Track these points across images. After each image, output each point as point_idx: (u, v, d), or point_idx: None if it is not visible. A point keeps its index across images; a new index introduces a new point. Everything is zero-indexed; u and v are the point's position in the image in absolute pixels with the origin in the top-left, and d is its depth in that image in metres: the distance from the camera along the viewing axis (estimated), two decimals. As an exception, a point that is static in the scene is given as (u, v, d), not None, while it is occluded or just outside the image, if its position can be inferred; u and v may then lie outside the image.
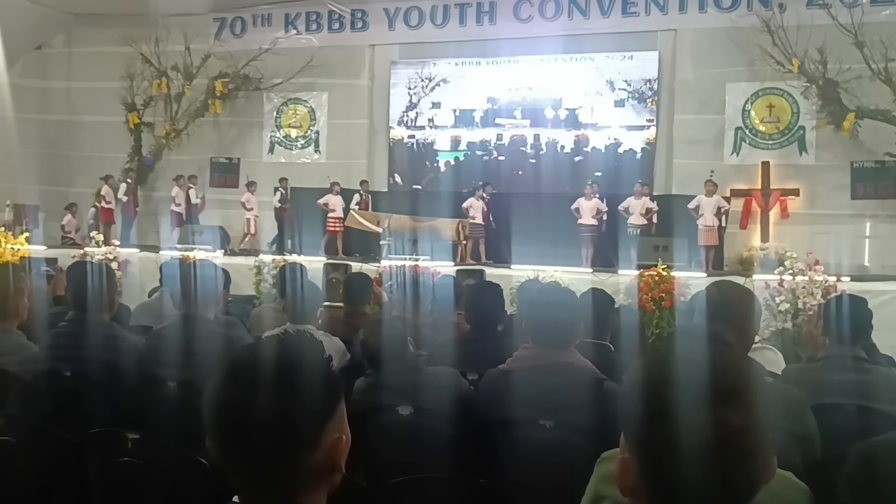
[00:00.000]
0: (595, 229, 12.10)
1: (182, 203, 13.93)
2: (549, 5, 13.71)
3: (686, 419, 1.02)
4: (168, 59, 14.80)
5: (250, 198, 13.62)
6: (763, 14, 11.93)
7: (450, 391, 2.96)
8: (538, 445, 2.70)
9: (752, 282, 9.64)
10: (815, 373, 3.29)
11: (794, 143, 12.55)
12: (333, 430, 1.20)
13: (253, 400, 1.14)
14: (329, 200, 13.13)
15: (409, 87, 14.68)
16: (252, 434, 1.14)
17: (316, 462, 1.18)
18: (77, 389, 3.29)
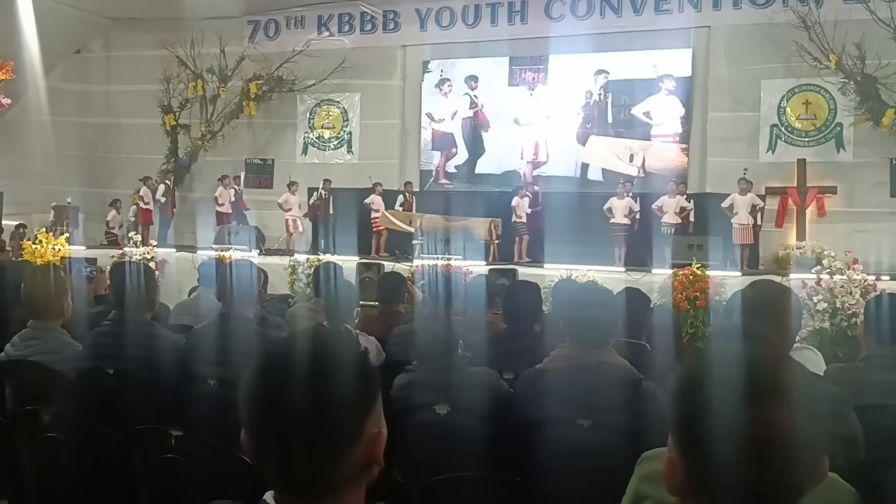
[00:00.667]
0: (628, 228, 12.02)
1: (226, 203, 14.03)
2: (581, 4, 13.65)
3: (733, 418, 1.02)
4: (203, 61, 15.01)
5: (289, 198, 13.65)
6: (799, 9, 11.77)
7: (488, 391, 2.97)
8: (576, 445, 2.70)
9: (789, 281, 9.49)
10: (856, 372, 3.25)
11: (832, 140, 12.35)
12: (373, 424, 1.20)
13: (292, 394, 1.13)
14: (373, 200, 13.17)
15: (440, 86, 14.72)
16: (292, 428, 1.13)
17: (356, 456, 1.18)
18: (120, 387, 3.37)
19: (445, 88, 14.74)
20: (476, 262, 11.22)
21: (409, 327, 4.11)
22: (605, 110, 13.79)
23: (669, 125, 13.45)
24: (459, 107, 14.63)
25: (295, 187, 13.77)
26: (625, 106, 13.70)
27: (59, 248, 11.48)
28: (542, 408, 2.81)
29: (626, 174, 13.21)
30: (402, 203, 13.29)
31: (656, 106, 13.53)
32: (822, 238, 11.40)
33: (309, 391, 1.13)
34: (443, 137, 14.78)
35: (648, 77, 13.53)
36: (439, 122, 14.78)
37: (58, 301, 3.68)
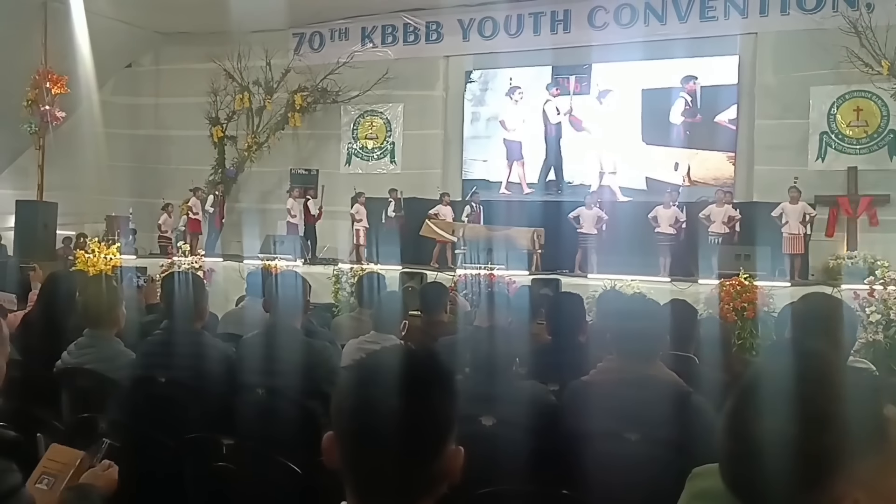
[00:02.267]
0: (673, 238, 11.88)
1: (297, 214, 14.10)
2: (625, 11, 13.57)
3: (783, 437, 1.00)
4: (250, 74, 15.28)
5: (360, 209, 13.61)
6: (850, 14, 11.54)
7: (535, 404, 2.96)
8: (623, 459, 2.67)
9: (840, 291, 9.29)
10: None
11: (884, 147, 12.06)
12: (453, 442, 1.24)
13: (389, 405, 1.17)
14: (440, 211, 13.21)
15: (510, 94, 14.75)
16: (385, 438, 1.17)
17: (436, 472, 1.22)
18: (171, 395, 3.43)
19: (516, 96, 14.65)
20: (519, 272, 11.19)
21: (456, 338, 4.13)
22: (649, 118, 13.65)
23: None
24: (530, 115, 14.54)
25: (362, 198, 13.69)
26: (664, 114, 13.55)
27: (110, 257, 11.75)
28: (588, 421, 2.79)
29: (672, 183, 13.05)
30: (469, 213, 13.21)
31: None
32: (875, 248, 11.12)
33: (404, 405, 1.18)
34: (512, 146, 14.68)
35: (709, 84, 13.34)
36: (511, 130, 14.69)
37: (112, 310, 3.77)
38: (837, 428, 0.97)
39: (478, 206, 13.38)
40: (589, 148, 14.03)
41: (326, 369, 3.41)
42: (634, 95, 13.75)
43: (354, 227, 13.60)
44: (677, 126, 13.50)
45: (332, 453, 1.23)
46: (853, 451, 0.97)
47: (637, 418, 2.67)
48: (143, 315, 5.29)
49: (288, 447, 2.87)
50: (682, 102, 13.49)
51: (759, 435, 1.00)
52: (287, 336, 3.49)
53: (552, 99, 14.26)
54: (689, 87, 13.42)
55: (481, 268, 11.18)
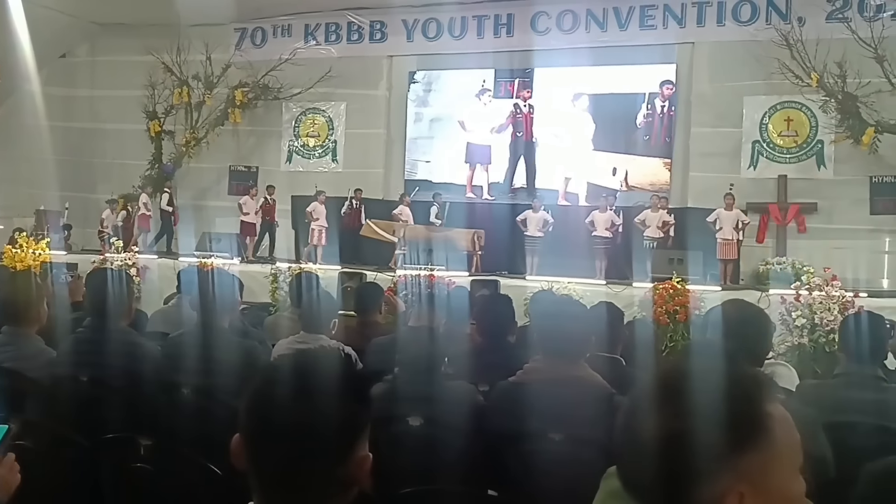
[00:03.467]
0: (609, 242, 12.09)
1: (251, 212, 13.79)
2: (567, 17, 13.75)
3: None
4: (189, 68, 14.99)
5: (319, 207, 13.38)
6: (782, 27, 11.91)
7: (463, 404, 2.98)
8: (548, 459, 2.71)
9: (768, 296, 9.60)
10: (829, 389, 3.28)
11: (812, 157, 12.50)
12: (362, 447, 1.24)
13: (295, 407, 1.17)
14: (402, 212, 13.13)
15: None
16: (290, 440, 1.17)
17: (343, 475, 1.21)
18: (94, 395, 3.34)
19: (485, 98, 14.60)
20: (458, 273, 11.23)
21: (390, 338, 4.12)
22: (589, 124, 13.86)
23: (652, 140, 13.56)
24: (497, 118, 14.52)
25: (323, 197, 13.49)
26: (609, 120, 13.77)
27: (39, 252, 11.38)
28: (514, 421, 2.82)
29: (609, 188, 13.29)
30: (437, 214, 13.20)
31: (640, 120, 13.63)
32: (802, 254, 11.50)
33: (310, 407, 1.17)
34: (475, 149, 14.61)
35: (633, 91, 13.62)
36: (471, 132, 14.65)
37: (33, 307, 3.65)
38: (718, 424, 0.99)
39: (359, 202, 13.40)
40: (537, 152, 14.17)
41: (254, 369, 3.36)
42: (575, 101, 13.94)
43: (311, 227, 13.38)
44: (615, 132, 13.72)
45: (240, 455, 1.22)
46: (735, 446, 0.99)
47: (561, 418, 2.71)
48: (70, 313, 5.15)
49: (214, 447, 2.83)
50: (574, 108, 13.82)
51: (645, 433, 1.03)
52: (214, 335, 3.43)
53: (521, 102, 14.32)
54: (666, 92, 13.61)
55: (421, 268, 11.18)
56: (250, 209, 13.73)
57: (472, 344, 4.08)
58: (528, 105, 14.22)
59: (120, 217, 14.30)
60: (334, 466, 1.20)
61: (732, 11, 12.83)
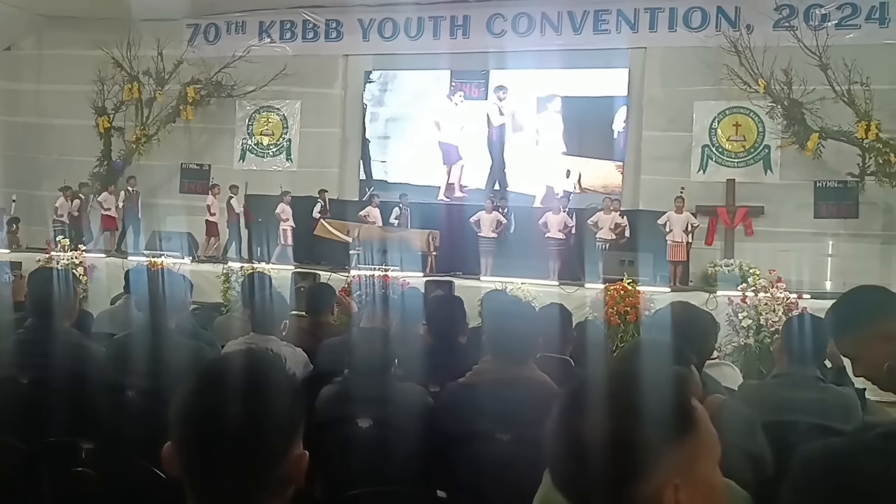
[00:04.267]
0: (563, 243, 12.20)
1: (112, 208, 13.66)
2: (522, 20, 13.84)
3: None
4: (140, 63, 14.71)
5: (286, 208, 13.19)
6: (731, 34, 12.14)
7: (412, 406, 2.98)
8: (495, 459, 2.73)
9: (716, 297, 9.81)
10: (770, 389, 3.35)
11: (760, 161, 12.79)
12: (296, 446, 1.24)
13: (224, 412, 1.16)
14: (370, 213, 13.02)
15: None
16: (221, 444, 1.17)
17: (279, 475, 1.21)
18: (34, 397, 3.27)
19: (456, 98, 14.53)
20: (413, 274, 11.23)
21: (341, 339, 4.10)
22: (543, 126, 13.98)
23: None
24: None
25: (288, 197, 13.30)
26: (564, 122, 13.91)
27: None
28: (463, 422, 2.84)
29: (563, 189, 13.42)
30: (398, 216, 13.11)
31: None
32: (749, 256, 11.75)
33: (240, 410, 1.17)
34: (448, 149, 14.55)
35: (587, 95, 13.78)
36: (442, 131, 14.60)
37: (-29, 308, 3.57)
38: (653, 421, 1.03)
39: (406, 208, 13.31)
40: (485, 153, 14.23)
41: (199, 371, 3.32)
42: (530, 103, 14.05)
43: (282, 227, 13.17)
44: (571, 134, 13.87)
45: (172, 461, 1.21)
46: (670, 440, 1.04)
47: (509, 419, 2.73)
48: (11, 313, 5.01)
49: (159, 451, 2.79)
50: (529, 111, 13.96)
51: (585, 436, 1.05)
52: (161, 336, 3.38)
53: (498, 102, 14.31)
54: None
55: (376, 269, 11.15)
56: (216, 209, 13.49)
57: (423, 345, 4.09)
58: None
59: (75, 206, 13.88)
60: (268, 468, 1.20)
61: (684, 18, 13.06)
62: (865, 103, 11.34)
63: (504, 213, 12.79)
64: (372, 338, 3.45)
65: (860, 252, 11.86)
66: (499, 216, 12.58)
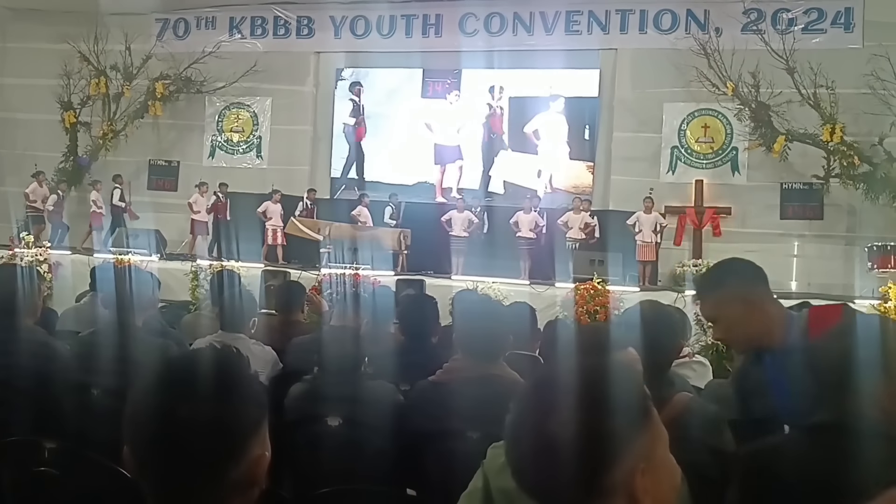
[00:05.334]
0: (533, 242, 12.26)
1: (202, 210, 13.34)
2: (495, 20, 13.88)
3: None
4: (107, 58, 14.50)
5: (271, 206, 13.10)
6: (700, 37, 12.30)
7: (383, 404, 2.97)
8: (465, 457, 2.71)
9: (684, 297, 9.90)
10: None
11: (728, 163, 12.96)
12: (257, 446, 1.21)
13: (180, 411, 1.13)
14: (361, 213, 12.93)
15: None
16: (178, 445, 1.14)
17: (238, 476, 1.18)
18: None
19: (451, 98, 14.51)
20: (384, 273, 11.20)
21: (311, 337, 4.08)
22: (514, 126, 14.03)
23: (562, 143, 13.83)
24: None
25: (278, 196, 13.23)
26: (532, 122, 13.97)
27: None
28: (434, 420, 2.83)
29: (533, 189, 13.48)
30: (303, 210, 13.09)
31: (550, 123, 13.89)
32: (717, 256, 11.71)
33: (195, 410, 1.14)
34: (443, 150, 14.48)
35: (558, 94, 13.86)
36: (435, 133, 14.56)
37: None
38: (617, 413, 1.08)
39: (312, 203, 13.28)
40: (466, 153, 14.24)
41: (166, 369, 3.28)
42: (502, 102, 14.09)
43: (266, 227, 13.06)
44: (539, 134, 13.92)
45: (130, 464, 1.19)
46: (633, 428, 1.09)
47: (479, 417, 2.73)
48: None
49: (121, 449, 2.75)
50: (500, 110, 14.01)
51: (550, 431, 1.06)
52: (127, 334, 3.32)
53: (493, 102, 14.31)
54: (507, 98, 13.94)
55: (346, 267, 11.11)
56: (201, 207, 13.28)
57: (394, 344, 4.08)
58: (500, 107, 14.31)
59: (51, 200, 13.60)
60: (226, 469, 1.17)
61: (654, 20, 13.19)
62: (831, 107, 11.55)
63: (476, 212, 12.82)
64: (342, 336, 3.44)
65: (824, 253, 12.09)
66: (470, 215, 12.61)
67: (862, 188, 11.61)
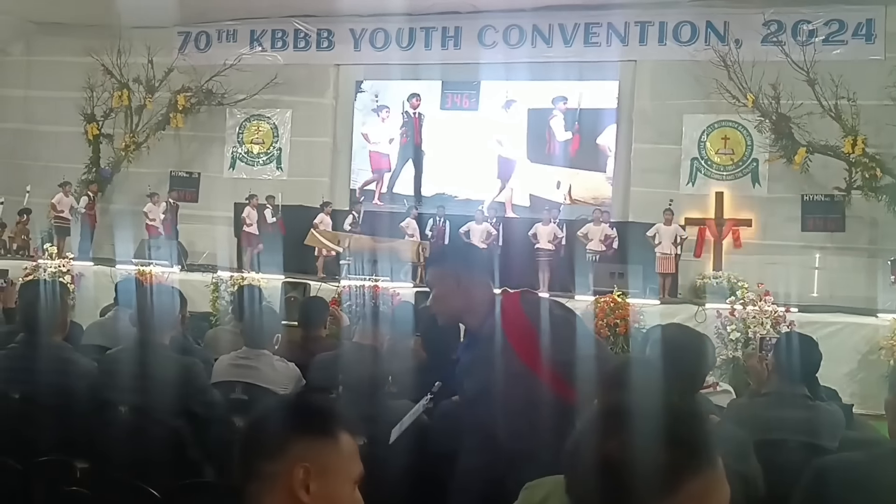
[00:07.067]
0: (552, 254, 12.23)
1: (253, 223, 13.18)
2: (514, 32, 13.91)
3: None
4: (130, 71, 14.65)
5: (325, 219, 12.99)
6: (720, 49, 12.25)
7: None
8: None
9: (705, 310, 9.87)
10: (759, 408, 3.37)
11: (748, 174, 12.88)
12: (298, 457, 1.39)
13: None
14: (409, 225, 12.90)
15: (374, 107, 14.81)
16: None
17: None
18: (26, 413, 3.25)
19: (383, 114, 14.72)
20: (403, 285, 11.23)
21: (334, 354, 4.09)
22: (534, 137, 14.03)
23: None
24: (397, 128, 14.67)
25: (329, 208, 13.20)
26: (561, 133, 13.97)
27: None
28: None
29: (552, 201, 13.47)
30: (353, 222, 13.07)
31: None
32: (737, 269, 11.83)
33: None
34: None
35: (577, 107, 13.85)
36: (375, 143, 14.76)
37: (-37, 321, 3.55)
38: (666, 449, 1.07)
39: (358, 216, 13.29)
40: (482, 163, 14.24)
41: (194, 387, 3.32)
42: (521, 114, 14.10)
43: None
44: (560, 146, 13.92)
45: None
46: (694, 467, 1.08)
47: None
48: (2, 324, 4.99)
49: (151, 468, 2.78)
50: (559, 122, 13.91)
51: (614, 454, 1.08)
52: (154, 352, 3.37)
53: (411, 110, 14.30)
54: (561, 107, 13.85)
55: (365, 279, 11.14)
56: (253, 220, 13.19)
57: (416, 360, 4.09)
58: (418, 113, 14.49)
59: (82, 203, 13.70)
60: None
61: (673, 32, 13.16)
62: (852, 118, 11.46)
63: (493, 223, 12.82)
64: (364, 354, 3.46)
65: (846, 265, 11.96)
66: (489, 227, 12.61)
67: (884, 200, 11.50)
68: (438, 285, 2.69)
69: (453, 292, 2.64)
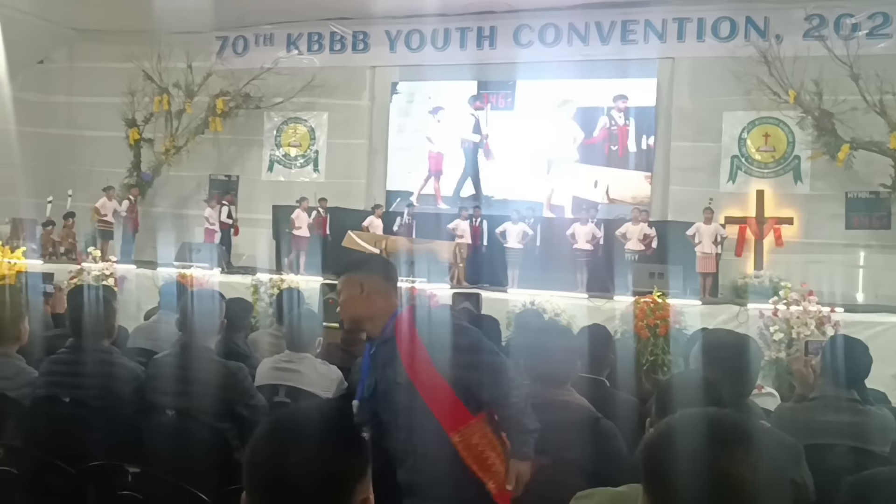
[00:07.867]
0: (590, 254, 12.14)
1: (303, 226, 13.28)
2: (550, 31, 13.84)
3: (700, 473, 1.12)
4: (170, 76, 14.89)
5: (374, 221, 13.13)
6: (760, 45, 12.06)
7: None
8: (535, 483, 2.72)
9: (747, 311, 9.71)
10: (807, 412, 3.32)
11: (790, 172, 12.65)
12: (361, 492, 1.31)
13: (294, 461, 1.24)
14: (458, 226, 12.94)
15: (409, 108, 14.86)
16: (291, 492, 1.25)
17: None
18: (75, 416, 3.32)
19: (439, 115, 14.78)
20: (440, 286, 11.22)
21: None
22: (572, 136, 13.95)
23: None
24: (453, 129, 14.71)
25: (380, 211, 13.31)
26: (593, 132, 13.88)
27: (14, 262, 11.23)
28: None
29: (590, 200, 13.38)
30: (401, 225, 13.14)
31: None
32: (779, 268, 11.63)
33: (308, 460, 1.25)
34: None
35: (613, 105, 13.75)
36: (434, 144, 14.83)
37: (14, 325, 3.63)
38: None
39: (409, 218, 13.33)
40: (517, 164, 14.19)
41: (239, 391, 3.36)
42: (558, 114, 14.03)
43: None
44: (598, 145, 13.83)
45: None
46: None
47: (548, 442, 2.72)
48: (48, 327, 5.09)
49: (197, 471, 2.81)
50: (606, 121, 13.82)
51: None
52: (199, 356, 3.41)
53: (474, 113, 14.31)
54: (620, 106, 13.73)
55: (403, 280, 11.15)
56: (302, 223, 13.29)
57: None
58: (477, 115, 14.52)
59: (124, 207, 13.93)
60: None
61: (712, 28, 12.98)
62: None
63: (530, 223, 12.77)
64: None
65: (891, 263, 11.70)
66: (525, 227, 12.56)
67: (931, 197, 11.23)
68: (344, 291, 2.77)
69: (357, 299, 2.72)
